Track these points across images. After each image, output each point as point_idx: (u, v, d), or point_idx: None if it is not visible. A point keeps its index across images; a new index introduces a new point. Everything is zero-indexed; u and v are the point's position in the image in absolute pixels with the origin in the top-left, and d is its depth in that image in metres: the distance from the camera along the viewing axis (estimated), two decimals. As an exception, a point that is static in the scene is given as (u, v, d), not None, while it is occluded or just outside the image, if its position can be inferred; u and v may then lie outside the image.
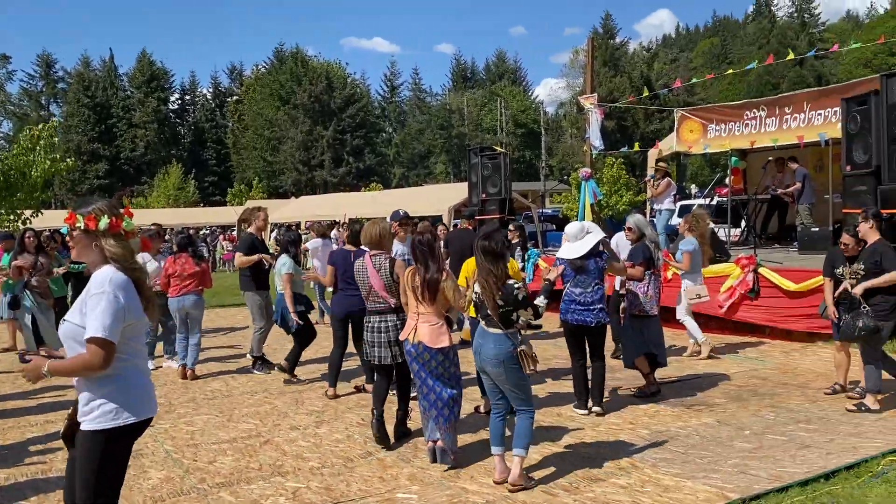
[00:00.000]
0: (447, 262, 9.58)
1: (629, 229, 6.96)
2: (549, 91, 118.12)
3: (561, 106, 76.09)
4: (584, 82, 18.44)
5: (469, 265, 6.43)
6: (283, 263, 7.87)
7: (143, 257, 8.78)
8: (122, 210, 3.07)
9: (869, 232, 6.25)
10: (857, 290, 6.15)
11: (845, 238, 6.40)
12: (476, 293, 4.78)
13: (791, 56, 14.33)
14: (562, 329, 6.61)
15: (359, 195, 35.41)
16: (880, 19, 71.49)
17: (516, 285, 4.61)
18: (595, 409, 6.32)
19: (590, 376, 6.44)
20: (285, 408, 6.88)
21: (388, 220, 6.85)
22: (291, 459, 5.35)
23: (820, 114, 12.35)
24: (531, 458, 5.12)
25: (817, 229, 11.79)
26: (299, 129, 60.63)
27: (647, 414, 6.33)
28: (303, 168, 60.41)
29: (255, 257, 8.30)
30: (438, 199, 24.83)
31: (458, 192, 23.12)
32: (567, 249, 6.16)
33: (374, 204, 26.09)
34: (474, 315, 5.15)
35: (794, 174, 12.66)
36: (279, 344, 10.41)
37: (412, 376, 5.34)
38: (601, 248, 6.23)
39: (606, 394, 6.81)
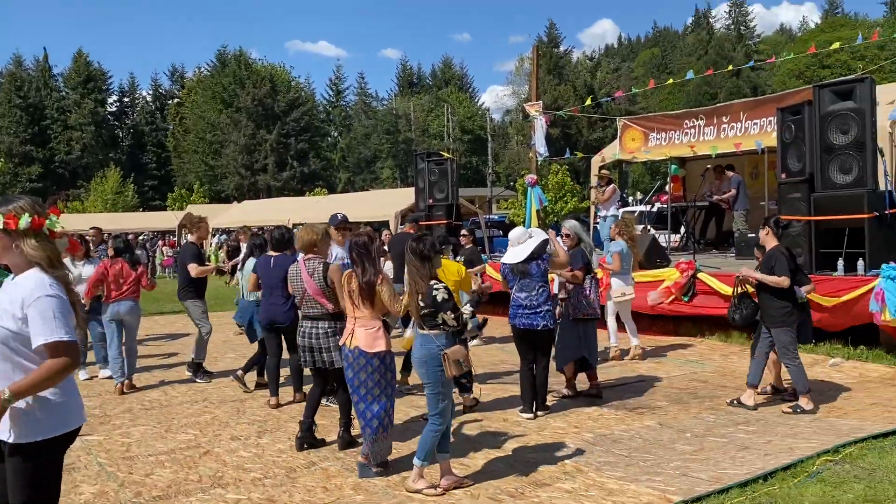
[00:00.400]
0: (387, 265, 9.59)
1: (566, 235, 7.03)
2: (495, 98, 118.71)
3: (507, 113, 76.85)
4: (529, 90, 18.64)
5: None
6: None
7: (71, 262, 8.49)
8: (48, 209, 2.90)
9: (766, 238, 6.53)
10: (743, 272, 6.58)
11: (756, 251, 6.65)
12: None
13: (730, 67, 14.78)
14: (508, 334, 6.65)
15: (303, 200, 34.96)
16: (811, 33, 74.32)
17: (436, 287, 4.61)
18: (539, 413, 6.36)
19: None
20: (226, 417, 6.71)
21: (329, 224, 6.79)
22: (232, 470, 5.21)
23: (756, 123, 12.72)
24: (475, 465, 5.10)
25: (753, 235, 12.12)
26: (242, 133, 59.59)
27: (591, 417, 6.38)
28: (245, 172, 59.37)
29: (211, 267, 8.28)
30: (385, 204, 24.70)
31: (405, 197, 23.04)
32: (511, 254, 6.26)
33: (318, 209, 25.79)
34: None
35: (730, 181, 13.05)
36: (219, 352, 10.20)
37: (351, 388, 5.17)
38: (544, 250, 6.30)
39: (553, 398, 6.87)
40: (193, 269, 8.17)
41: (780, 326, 6.29)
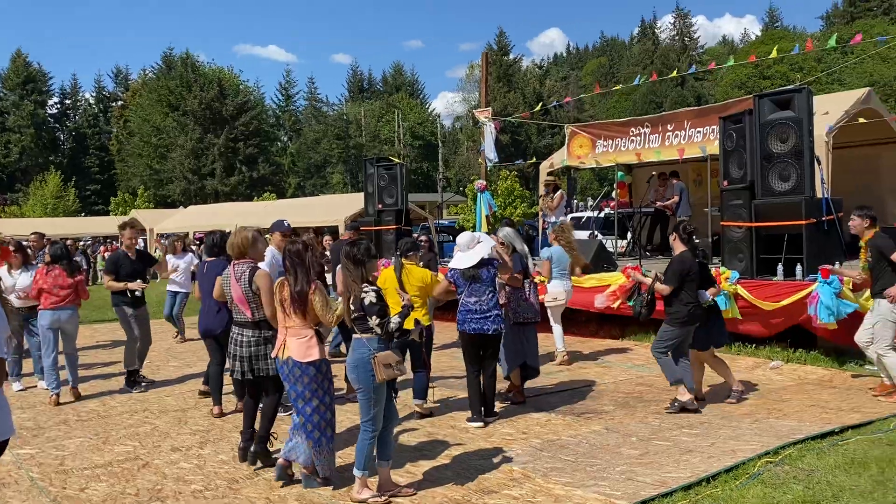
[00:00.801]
0: (328, 272, 9.47)
1: (501, 243, 7.06)
2: (446, 104, 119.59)
3: (457, 119, 77.10)
4: (479, 96, 18.73)
5: (387, 275, 6.38)
6: None
7: (7, 271, 8.17)
8: None
9: (674, 245, 6.84)
10: (639, 277, 7.20)
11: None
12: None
13: (674, 74, 15.06)
14: (457, 340, 6.61)
15: (251, 205, 34.50)
16: (752, 45, 76.63)
17: (366, 290, 4.57)
18: (488, 419, 6.35)
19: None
20: (167, 428, 6.52)
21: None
22: (172, 483, 5.05)
23: (699, 131, 12.99)
24: (421, 472, 5.05)
25: (697, 241, 12.38)
26: (189, 137, 58.43)
27: (539, 423, 6.39)
28: (192, 177, 58.20)
29: (121, 286, 7.95)
30: (334, 209, 24.52)
31: (354, 202, 22.90)
32: (460, 259, 6.23)
33: (267, 214, 25.44)
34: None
35: (673, 188, 13.31)
36: (162, 360, 9.96)
37: (293, 397, 4.98)
38: (492, 256, 6.33)
39: (501, 403, 6.86)
40: (106, 282, 8.06)
41: (666, 323, 6.67)
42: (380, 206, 14.31)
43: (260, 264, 5.71)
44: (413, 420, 6.47)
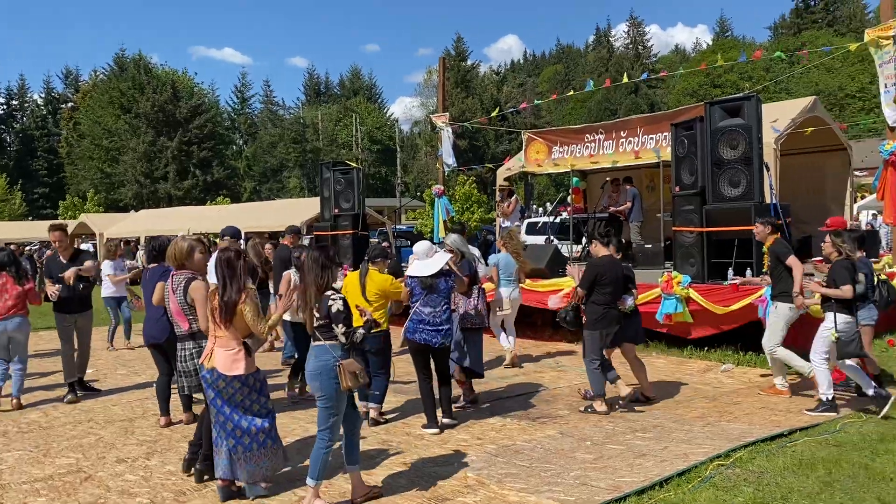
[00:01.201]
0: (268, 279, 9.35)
1: (450, 251, 7.05)
2: (404, 109, 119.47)
3: (416, 124, 77.11)
4: (436, 101, 18.75)
5: (348, 282, 6.32)
6: None
7: None
8: None
9: (594, 250, 7.08)
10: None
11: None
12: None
13: (626, 80, 15.26)
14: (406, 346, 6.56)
15: (205, 209, 33.87)
16: (703, 54, 78.30)
17: (333, 297, 4.51)
18: (445, 420, 6.32)
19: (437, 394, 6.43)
20: (112, 438, 6.31)
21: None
22: (116, 496, 4.88)
23: (652, 138, 13.16)
24: (375, 480, 4.98)
25: (650, 246, 12.58)
26: (142, 140, 57.21)
27: (494, 428, 6.37)
28: (145, 180, 56.97)
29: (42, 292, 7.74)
30: (290, 214, 24.21)
31: (311, 207, 22.65)
32: (419, 267, 6.19)
33: (221, 218, 25.02)
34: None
35: (627, 194, 13.49)
36: (109, 368, 9.69)
37: (214, 411, 4.80)
38: (448, 267, 6.32)
39: (456, 408, 6.82)
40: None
41: (587, 329, 6.79)
42: (336, 210, 14.19)
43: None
44: (365, 426, 6.37)
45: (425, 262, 6.19)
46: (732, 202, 8.94)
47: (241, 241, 9.45)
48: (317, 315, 4.51)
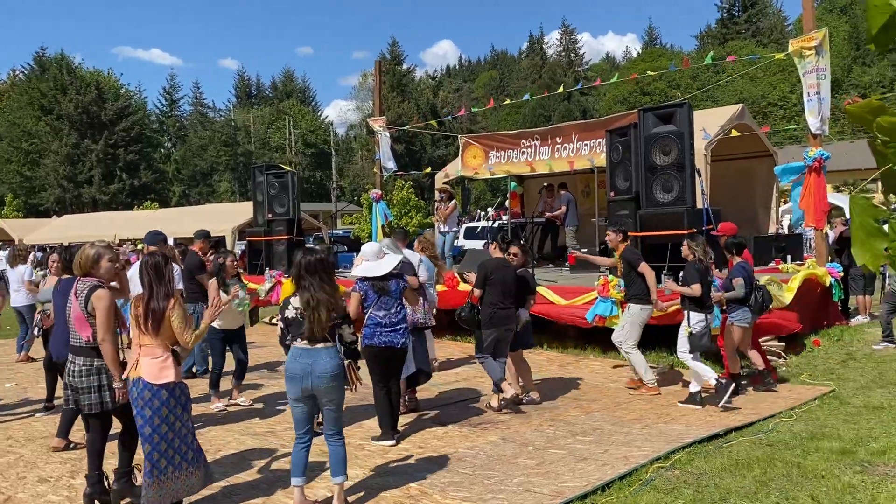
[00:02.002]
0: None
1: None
2: (338, 112, 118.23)
3: (351, 128, 76.59)
4: (372, 105, 18.63)
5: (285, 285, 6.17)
6: None
7: None
8: None
9: (492, 252, 7.40)
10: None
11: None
12: (292, 313, 4.55)
13: (561, 90, 15.48)
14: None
15: (132, 214, 32.78)
16: (633, 62, 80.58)
17: (343, 299, 4.63)
18: (389, 441, 6.14)
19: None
20: (34, 457, 5.96)
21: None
22: (37, 519, 4.60)
23: (587, 144, 13.37)
24: (316, 494, 4.85)
25: (586, 250, 12.72)
26: (64, 142, 55.03)
27: (435, 436, 6.30)
28: (68, 184, 54.82)
29: None
30: (222, 218, 23.64)
31: (243, 211, 22.14)
32: (370, 268, 6.05)
33: (148, 223, 24.24)
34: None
35: (561, 199, 13.66)
36: (31, 382, 9.21)
37: (139, 424, 4.45)
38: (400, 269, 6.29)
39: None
40: None
41: (482, 328, 7.07)
42: (270, 215, 13.90)
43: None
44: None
45: (375, 263, 6.08)
46: (666, 207, 9.12)
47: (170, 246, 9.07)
48: (334, 315, 4.53)
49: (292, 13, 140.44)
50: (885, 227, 1.58)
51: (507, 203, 15.39)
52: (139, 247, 20.91)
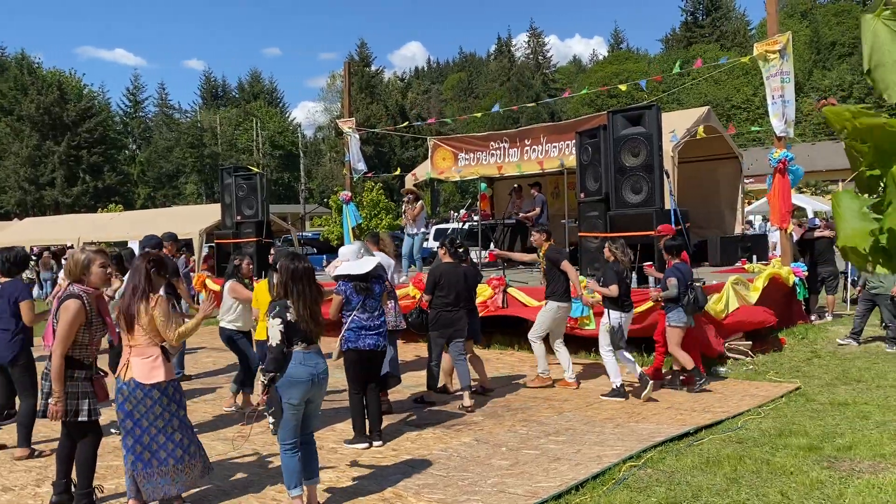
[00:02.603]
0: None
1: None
2: (307, 113, 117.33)
3: (319, 129, 76.10)
4: (341, 107, 18.55)
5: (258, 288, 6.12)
6: None
7: None
8: None
9: (442, 257, 7.60)
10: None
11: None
12: (286, 320, 4.42)
13: (535, 104, 15.65)
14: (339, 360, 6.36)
15: (96, 217, 32.17)
16: (600, 64, 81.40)
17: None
18: (376, 443, 6.09)
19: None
20: (-3, 466, 5.83)
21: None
22: (2, 530, 4.50)
23: (555, 146, 13.47)
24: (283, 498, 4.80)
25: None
26: (25, 144, 53.76)
27: (409, 439, 6.28)
28: (29, 187, 53.59)
29: None
30: (189, 221, 23.32)
31: (210, 213, 21.85)
32: (351, 267, 6.04)
33: (113, 226, 23.84)
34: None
35: (534, 200, 13.73)
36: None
37: (129, 426, 4.44)
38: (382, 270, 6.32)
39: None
40: None
41: (430, 331, 7.38)
42: (238, 217, 13.77)
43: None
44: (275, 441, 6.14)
45: (358, 262, 6.06)
46: (635, 208, 9.22)
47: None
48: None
49: (259, 14, 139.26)
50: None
51: (476, 205, 15.41)
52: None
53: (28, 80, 57.44)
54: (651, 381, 7.27)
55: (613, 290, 7.34)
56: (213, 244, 16.26)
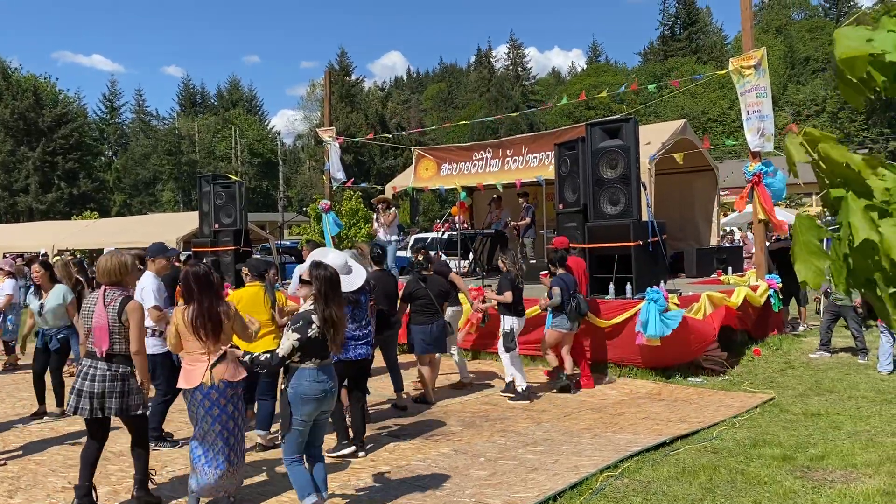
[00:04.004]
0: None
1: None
2: (286, 122, 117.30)
3: (299, 137, 75.95)
4: (321, 115, 18.55)
5: (249, 295, 6.09)
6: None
7: None
8: None
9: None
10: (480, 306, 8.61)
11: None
12: (315, 332, 4.39)
13: (516, 114, 15.75)
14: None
15: (70, 224, 31.80)
16: (578, 76, 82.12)
17: None
18: (361, 454, 6.07)
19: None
20: (-33, 478, 5.72)
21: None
22: (-28, 542, 4.42)
23: (536, 156, 13.56)
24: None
25: (535, 261, 12.91)
26: (-1, 149, 53.11)
27: (387, 449, 6.27)
28: (3, 193, 52.87)
29: None
30: (166, 228, 23.15)
31: (188, 221, 21.72)
32: (343, 283, 6.07)
33: (88, 233, 23.58)
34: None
35: (524, 210, 13.81)
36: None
37: (201, 424, 4.58)
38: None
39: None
40: None
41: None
42: (216, 225, 13.66)
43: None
44: (255, 452, 6.11)
45: (347, 277, 6.05)
46: (613, 219, 9.29)
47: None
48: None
49: (239, 21, 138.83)
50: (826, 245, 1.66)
51: (450, 215, 15.42)
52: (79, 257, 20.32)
53: (3, 84, 56.71)
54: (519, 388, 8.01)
55: (508, 296, 7.93)
56: (190, 252, 16.13)
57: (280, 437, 4.63)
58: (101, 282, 4.99)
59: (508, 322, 8.00)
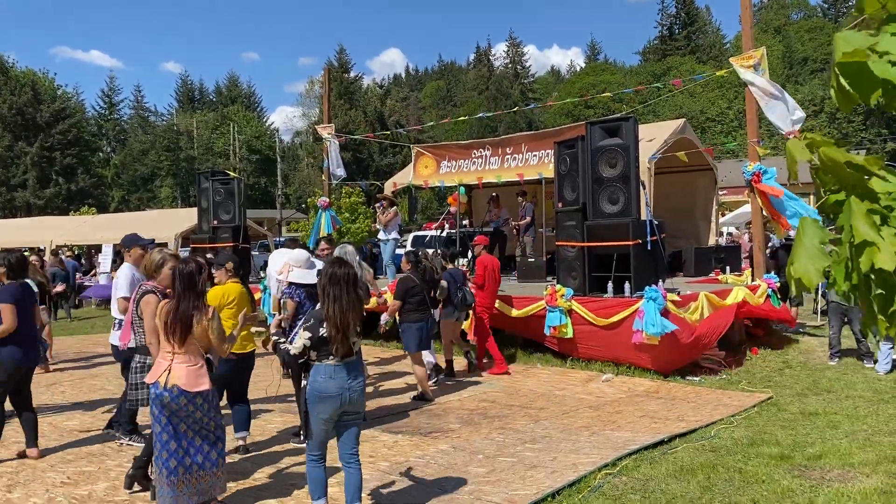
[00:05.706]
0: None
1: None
2: (284, 118, 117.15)
3: (297, 134, 75.84)
4: (320, 112, 18.56)
5: (240, 294, 6.07)
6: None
7: None
8: None
9: (404, 267, 8.30)
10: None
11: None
12: (319, 333, 4.22)
13: (515, 109, 15.70)
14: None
15: (68, 219, 31.74)
16: (577, 75, 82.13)
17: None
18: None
19: None
20: (-34, 472, 5.73)
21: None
22: (-29, 536, 4.42)
23: (535, 155, 13.56)
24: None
25: (533, 260, 12.92)
26: (-4, 144, 53.03)
27: (385, 445, 6.28)
28: (0, 188, 52.83)
29: None
30: (164, 225, 23.12)
31: (187, 217, 21.69)
32: (301, 275, 6.07)
33: (86, 229, 23.55)
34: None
35: (526, 209, 13.83)
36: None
37: (158, 430, 4.42)
38: None
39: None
40: None
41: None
42: (215, 222, 13.66)
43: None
44: (239, 454, 6.04)
45: (309, 270, 6.08)
46: (612, 218, 9.30)
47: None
48: (358, 329, 4.38)
49: (238, 18, 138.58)
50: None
51: (453, 209, 15.40)
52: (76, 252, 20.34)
53: (1, 79, 56.60)
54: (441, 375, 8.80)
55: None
56: (188, 248, 16.12)
57: (301, 436, 4.62)
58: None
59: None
